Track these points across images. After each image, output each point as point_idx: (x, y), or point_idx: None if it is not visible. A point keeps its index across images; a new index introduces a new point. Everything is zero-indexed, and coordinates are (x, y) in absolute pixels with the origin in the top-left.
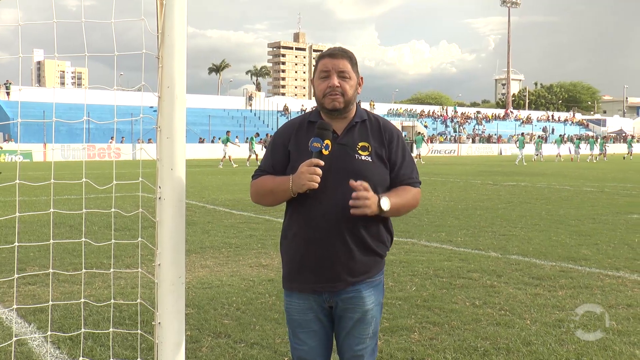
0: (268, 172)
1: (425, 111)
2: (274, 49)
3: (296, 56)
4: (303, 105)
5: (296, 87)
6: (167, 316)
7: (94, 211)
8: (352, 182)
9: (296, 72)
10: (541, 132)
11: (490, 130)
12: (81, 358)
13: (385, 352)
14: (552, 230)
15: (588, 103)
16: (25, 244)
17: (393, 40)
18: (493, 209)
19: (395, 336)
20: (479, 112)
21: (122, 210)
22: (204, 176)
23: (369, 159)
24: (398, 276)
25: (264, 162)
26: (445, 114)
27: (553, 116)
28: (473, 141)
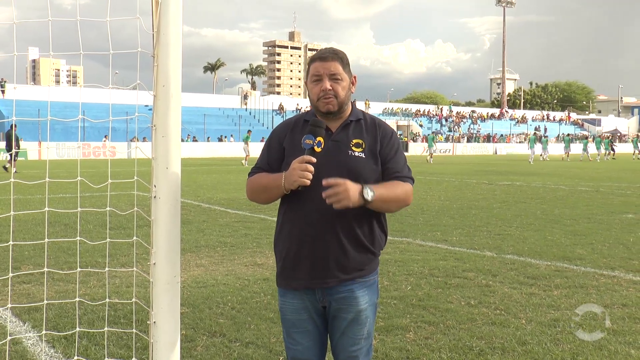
0: (264, 170)
1: (420, 110)
2: (269, 48)
3: (291, 55)
4: (298, 104)
5: (291, 86)
6: (162, 315)
7: (89, 210)
8: (325, 181)
9: (291, 71)
10: (544, 133)
11: (485, 129)
12: (76, 357)
13: (380, 352)
14: (547, 229)
15: (583, 103)
16: (20, 243)
17: (388, 39)
18: (488, 209)
19: (390, 335)
20: (474, 112)
21: (117, 209)
22: (199, 175)
23: (362, 155)
24: (393, 275)
25: (260, 160)
26: (440, 113)
27: (548, 116)
28: (468, 140)
